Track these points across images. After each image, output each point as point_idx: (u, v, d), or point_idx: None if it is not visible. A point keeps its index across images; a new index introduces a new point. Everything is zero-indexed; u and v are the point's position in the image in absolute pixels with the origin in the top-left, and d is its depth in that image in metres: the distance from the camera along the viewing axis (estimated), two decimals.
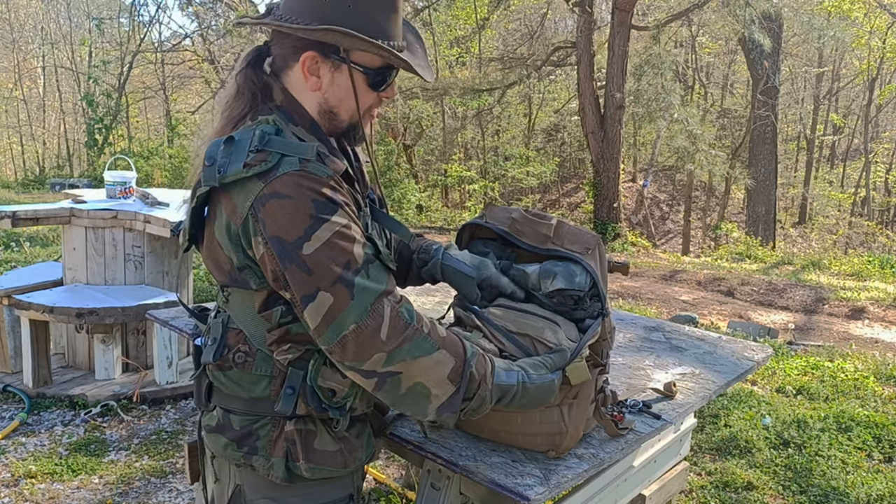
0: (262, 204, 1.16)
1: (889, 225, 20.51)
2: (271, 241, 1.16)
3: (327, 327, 1.14)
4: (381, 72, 1.31)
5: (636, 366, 2.05)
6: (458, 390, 1.20)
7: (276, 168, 1.17)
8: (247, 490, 1.34)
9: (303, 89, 1.30)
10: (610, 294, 7.30)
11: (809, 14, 12.31)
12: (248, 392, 1.31)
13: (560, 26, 19.49)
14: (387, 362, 1.15)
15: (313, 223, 1.14)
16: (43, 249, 7.72)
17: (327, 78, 1.29)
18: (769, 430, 3.62)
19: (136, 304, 3.65)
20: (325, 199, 1.17)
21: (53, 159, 22.20)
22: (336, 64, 1.28)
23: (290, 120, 1.29)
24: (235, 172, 1.17)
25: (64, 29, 22.11)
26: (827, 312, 7.30)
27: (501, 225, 1.53)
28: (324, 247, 1.14)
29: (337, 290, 1.14)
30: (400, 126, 16.69)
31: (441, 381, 1.18)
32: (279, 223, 1.15)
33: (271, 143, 1.19)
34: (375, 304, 1.15)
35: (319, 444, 1.31)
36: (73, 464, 3.08)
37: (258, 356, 1.29)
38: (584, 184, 16.77)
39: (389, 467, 3.21)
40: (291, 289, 1.17)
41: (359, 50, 1.27)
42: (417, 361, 1.16)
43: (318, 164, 1.20)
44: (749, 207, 15.62)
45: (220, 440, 1.33)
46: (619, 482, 2.01)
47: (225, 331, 1.33)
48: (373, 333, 1.14)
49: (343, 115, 1.33)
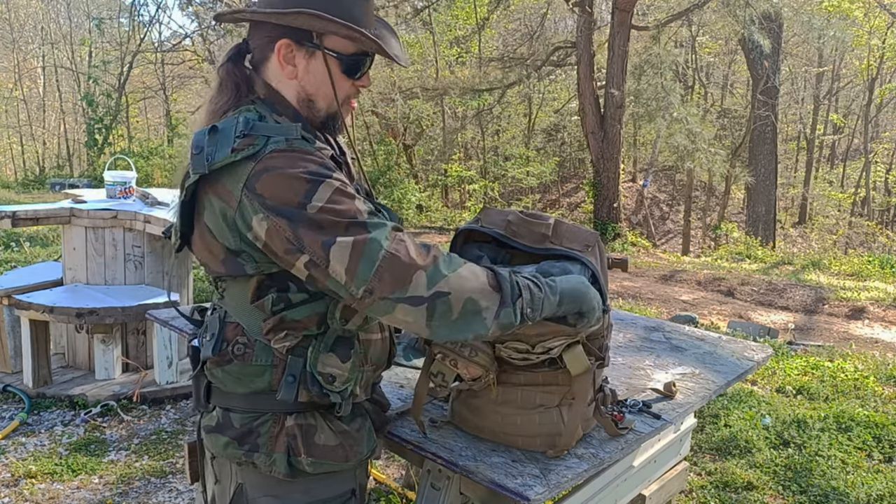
0: (256, 181, 1.17)
1: (889, 225, 20.51)
2: (274, 210, 1.16)
3: (358, 265, 1.14)
4: (354, 58, 1.33)
5: (636, 366, 2.05)
6: (504, 291, 1.21)
7: (263, 149, 1.19)
8: (249, 489, 1.34)
9: (281, 79, 1.33)
10: (610, 294, 7.29)
11: (809, 14, 12.31)
12: (248, 387, 1.31)
13: (560, 26, 19.48)
14: (430, 282, 1.15)
15: (311, 186, 1.16)
16: (43, 249, 7.72)
17: (302, 65, 1.31)
18: (769, 430, 3.62)
19: (136, 304, 3.65)
20: (318, 164, 1.19)
21: (53, 159, 22.20)
22: (310, 51, 1.30)
23: (273, 111, 1.31)
24: (224, 158, 1.19)
25: (64, 29, 22.11)
26: (827, 312, 7.30)
27: (497, 228, 1.52)
28: (328, 203, 1.16)
29: (353, 231, 1.15)
30: (400, 126, 16.69)
31: (484, 290, 1.19)
32: (279, 192, 1.16)
33: (256, 127, 1.22)
34: (393, 233, 1.17)
35: (320, 438, 1.31)
36: (73, 464, 3.08)
37: (257, 346, 1.30)
38: (584, 184, 16.77)
39: (389, 467, 3.21)
40: (308, 248, 1.16)
41: (331, 34, 1.30)
42: (457, 275, 1.17)
43: (303, 142, 1.22)
44: (749, 207, 15.62)
45: (221, 440, 1.33)
46: (619, 482, 2.01)
47: (223, 325, 1.34)
48: (405, 256, 1.15)
49: (321, 102, 1.35)
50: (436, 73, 16.63)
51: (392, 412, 1.60)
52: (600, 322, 1.35)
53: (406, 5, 14.62)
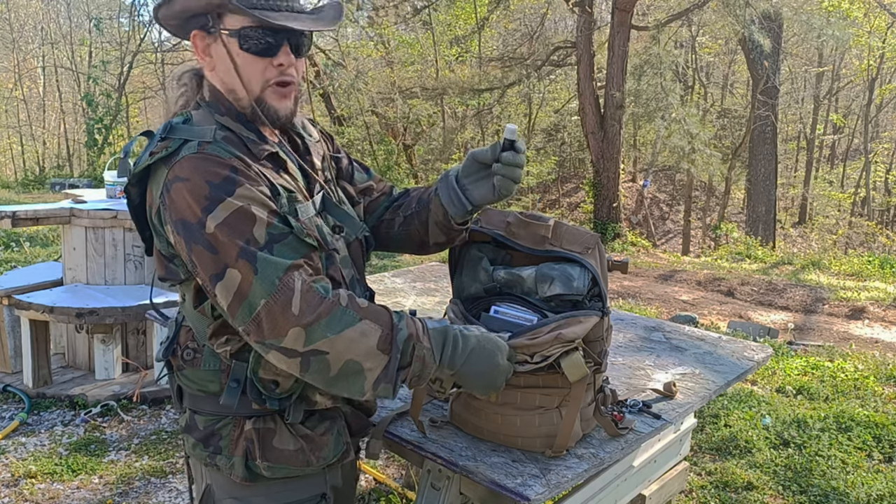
0: (167, 190, 1.16)
1: (889, 225, 20.50)
2: (175, 225, 1.16)
3: (239, 305, 1.12)
4: (250, 32, 1.21)
5: (636, 366, 2.05)
6: (391, 359, 1.14)
7: (176, 153, 1.18)
8: (215, 490, 1.34)
9: (212, 76, 1.29)
10: (610, 294, 7.29)
11: (809, 14, 12.31)
12: (204, 390, 1.31)
13: (560, 26, 19.47)
14: (308, 340, 1.10)
15: (209, 204, 1.13)
16: (43, 249, 7.72)
17: (214, 54, 1.26)
18: (769, 430, 3.62)
19: (136, 304, 3.65)
20: (222, 179, 1.15)
21: (53, 159, 22.18)
22: (214, 36, 1.24)
23: (216, 111, 1.28)
24: (143, 161, 1.19)
25: (64, 29, 22.08)
26: (827, 312, 7.29)
27: (497, 228, 1.51)
28: (223, 225, 1.12)
29: (241, 265, 1.11)
30: (400, 126, 16.69)
31: (370, 352, 1.13)
32: (180, 207, 1.15)
33: (174, 130, 1.21)
34: (284, 278, 1.11)
35: (279, 442, 1.29)
36: (73, 464, 3.08)
37: (205, 351, 1.29)
38: (584, 184, 16.75)
39: (389, 467, 3.21)
40: (200, 272, 1.15)
41: (227, 13, 1.22)
42: (342, 336, 1.11)
43: (218, 145, 1.19)
44: (749, 207, 15.61)
45: (189, 440, 1.34)
46: (619, 482, 2.01)
47: (178, 328, 1.34)
48: (284, 307, 1.10)
49: (240, 92, 1.26)
50: (436, 72, 16.61)
51: (390, 413, 1.59)
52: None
53: (406, 5, 14.62)
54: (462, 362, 1.22)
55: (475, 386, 1.26)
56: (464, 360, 1.22)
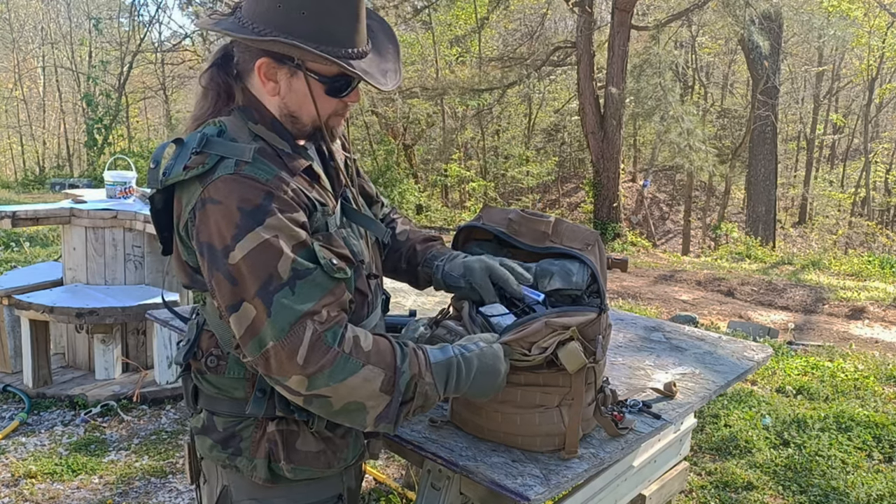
0: (199, 209, 1.16)
1: (889, 225, 20.50)
2: (201, 247, 1.16)
3: (250, 339, 1.13)
4: (338, 79, 1.26)
5: (636, 366, 2.05)
6: (393, 399, 1.17)
7: (213, 171, 1.16)
8: (233, 491, 1.34)
9: (263, 92, 1.28)
10: (609, 294, 7.30)
11: (809, 14, 12.31)
12: (228, 395, 1.31)
13: (560, 26, 19.47)
14: (310, 386, 1.12)
15: (237, 232, 1.13)
16: (43, 249, 7.72)
17: (284, 83, 1.26)
18: (769, 430, 3.62)
19: (136, 304, 3.65)
20: (254, 206, 1.14)
21: (53, 159, 22.18)
22: (292, 70, 1.25)
23: (250, 118, 1.27)
24: (176, 175, 1.18)
25: (64, 29, 22.07)
26: (827, 312, 7.30)
27: (498, 226, 1.52)
28: (248, 257, 1.12)
29: (257, 303, 1.12)
30: (400, 126, 16.69)
31: (373, 395, 1.16)
32: (208, 230, 1.15)
33: (210, 144, 1.18)
34: (296, 326, 1.12)
35: (301, 444, 1.30)
36: (73, 464, 3.08)
37: (230, 359, 1.30)
38: (584, 184, 16.76)
39: (389, 467, 3.21)
40: (218, 298, 1.17)
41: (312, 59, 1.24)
42: (344, 384, 1.13)
43: (256, 165, 1.18)
44: (749, 207, 15.61)
45: (206, 442, 1.33)
46: (619, 482, 2.01)
47: (199, 332, 1.34)
48: (290, 355, 1.11)
49: (305, 119, 1.29)
50: (436, 72, 16.61)
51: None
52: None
53: (406, 5, 14.62)
54: (468, 386, 1.27)
55: (479, 397, 1.32)
56: (469, 384, 1.27)
